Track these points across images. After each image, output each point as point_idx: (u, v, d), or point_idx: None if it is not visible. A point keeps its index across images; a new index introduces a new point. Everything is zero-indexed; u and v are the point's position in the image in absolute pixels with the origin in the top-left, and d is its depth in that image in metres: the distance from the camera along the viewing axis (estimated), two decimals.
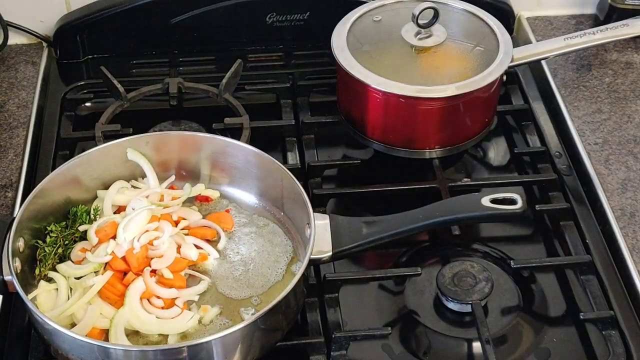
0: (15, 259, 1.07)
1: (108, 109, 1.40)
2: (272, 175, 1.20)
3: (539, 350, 1.13)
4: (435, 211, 1.15)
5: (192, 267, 1.16)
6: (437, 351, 1.14)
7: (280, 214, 1.23)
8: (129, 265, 1.12)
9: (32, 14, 1.56)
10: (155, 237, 1.15)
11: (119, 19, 1.53)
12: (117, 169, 1.24)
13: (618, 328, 1.13)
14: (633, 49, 1.56)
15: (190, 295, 1.12)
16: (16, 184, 1.31)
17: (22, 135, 1.39)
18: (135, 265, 1.12)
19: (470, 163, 1.41)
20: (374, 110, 1.32)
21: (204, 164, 1.26)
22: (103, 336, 1.07)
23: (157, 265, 1.13)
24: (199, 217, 1.21)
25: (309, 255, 1.07)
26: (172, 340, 1.06)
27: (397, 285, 1.20)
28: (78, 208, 1.18)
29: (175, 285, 1.12)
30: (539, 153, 1.38)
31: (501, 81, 1.34)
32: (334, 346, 1.10)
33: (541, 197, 1.33)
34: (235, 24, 1.56)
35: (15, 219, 1.09)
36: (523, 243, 1.29)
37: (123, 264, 1.12)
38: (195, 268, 1.16)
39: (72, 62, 1.57)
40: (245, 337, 1.02)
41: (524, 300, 1.18)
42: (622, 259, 1.21)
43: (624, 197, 1.29)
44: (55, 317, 1.05)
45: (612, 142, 1.38)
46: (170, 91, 1.43)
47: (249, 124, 1.36)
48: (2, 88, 1.49)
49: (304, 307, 1.14)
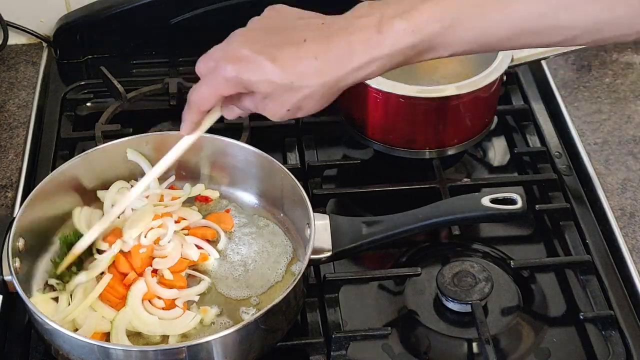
0: (15, 259, 1.07)
1: (108, 109, 1.40)
2: (272, 175, 1.20)
3: (539, 350, 1.13)
4: (435, 211, 1.15)
5: (193, 267, 1.16)
6: (437, 351, 1.14)
7: (280, 214, 1.23)
8: (132, 266, 1.12)
9: (32, 14, 1.56)
10: (160, 235, 1.15)
11: (119, 19, 1.53)
12: (117, 169, 1.23)
13: (618, 328, 1.13)
14: (633, 49, 1.56)
15: (190, 296, 1.12)
16: (16, 184, 1.31)
17: (22, 135, 1.39)
18: (137, 266, 1.12)
19: (470, 163, 1.41)
20: (374, 110, 1.32)
21: (203, 164, 1.25)
22: (104, 339, 1.06)
23: (160, 266, 1.13)
24: (199, 217, 1.21)
25: (309, 255, 1.07)
26: (173, 341, 1.06)
27: (397, 285, 1.20)
28: (59, 238, 1.17)
29: (176, 286, 1.12)
30: (539, 153, 1.38)
31: (501, 81, 1.34)
32: (334, 346, 1.10)
33: (541, 197, 1.33)
34: (235, 24, 1.55)
35: (15, 219, 1.09)
36: (523, 243, 1.29)
37: (127, 265, 1.12)
38: (195, 268, 1.16)
39: (72, 62, 1.57)
40: (245, 337, 1.02)
41: (524, 300, 1.18)
42: (622, 259, 1.21)
43: (624, 197, 1.29)
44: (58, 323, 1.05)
45: (612, 142, 1.38)
46: (170, 91, 1.43)
47: (249, 124, 1.36)
48: (2, 88, 1.49)
49: (304, 307, 1.14)
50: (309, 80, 0.93)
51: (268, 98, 0.95)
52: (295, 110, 0.96)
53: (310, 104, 0.95)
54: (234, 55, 0.95)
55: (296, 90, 0.93)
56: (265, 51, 0.93)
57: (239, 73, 0.94)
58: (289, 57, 0.92)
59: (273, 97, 0.95)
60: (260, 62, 0.92)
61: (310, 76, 0.92)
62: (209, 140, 1.23)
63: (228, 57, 0.95)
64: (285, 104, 0.95)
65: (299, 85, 0.93)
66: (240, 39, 0.97)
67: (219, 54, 0.97)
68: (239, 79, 0.94)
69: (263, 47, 0.93)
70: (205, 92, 0.98)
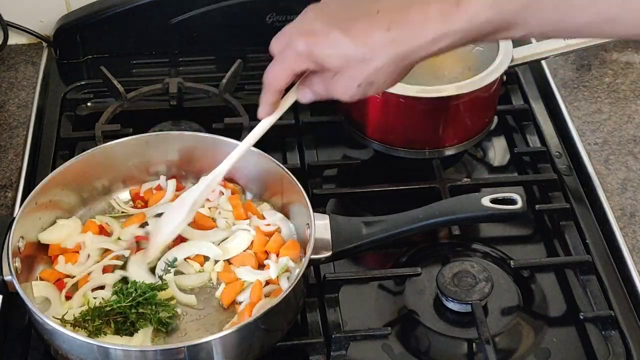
0: (16, 259, 1.07)
1: (108, 109, 1.40)
2: (272, 175, 1.20)
3: (539, 350, 1.13)
4: (435, 211, 1.15)
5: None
6: (437, 351, 1.14)
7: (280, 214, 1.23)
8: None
9: (32, 14, 1.56)
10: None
11: (119, 19, 1.53)
12: (117, 169, 1.24)
13: (618, 328, 1.13)
14: (633, 49, 1.56)
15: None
16: (16, 184, 1.31)
17: (22, 135, 1.39)
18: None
19: (470, 163, 1.41)
20: (374, 110, 1.32)
21: (204, 163, 1.25)
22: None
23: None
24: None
25: (309, 255, 1.07)
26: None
27: (397, 285, 1.20)
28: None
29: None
30: (539, 153, 1.38)
31: (501, 81, 1.34)
32: (334, 346, 1.10)
33: (541, 197, 1.33)
34: (235, 24, 1.56)
35: (15, 219, 1.09)
36: (523, 243, 1.29)
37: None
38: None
39: (72, 62, 1.57)
40: (245, 337, 1.02)
41: (524, 300, 1.18)
42: (622, 259, 1.21)
43: (624, 197, 1.29)
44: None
45: (612, 142, 1.38)
46: (170, 91, 1.43)
47: (249, 124, 1.36)
48: (2, 88, 1.49)
49: (304, 307, 1.14)
50: (380, 51, 0.90)
51: (339, 74, 0.93)
52: (366, 85, 0.93)
53: (382, 77, 0.92)
54: (306, 30, 0.93)
55: (367, 63, 0.90)
56: (337, 24, 0.91)
57: (311, 46, 0.92)
58: (362, 29, 0.90)
59: (344, 71, 0.92)
60: (333, 34, 0.90)
61: (383, 47, 0.90)
62: (209, 140, 1.23)
63: (300, 32, 0.93)
64: (356, 79, 0.92)
65: (371, 57, 0.90)
66: (313, 14, 0.94)
67: (292, 30, 0.95)
68: (310, 52, 0.92)
69: (336, 21, 0.91)
70: (278, 70, 0.96)
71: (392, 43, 0.89)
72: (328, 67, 0.93)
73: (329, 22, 0.91)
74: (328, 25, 0.91)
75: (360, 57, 0.90)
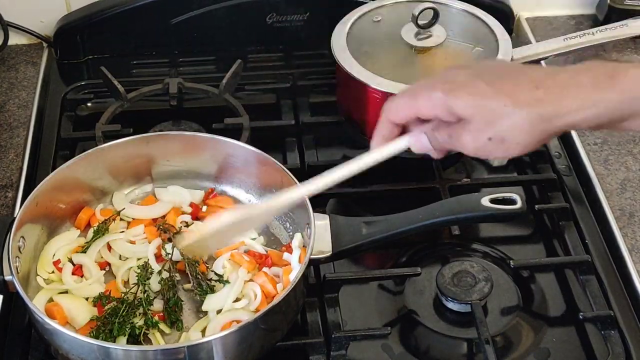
0: (16, 259, 1.07)
1: (108, 109, 1.40)
2: (272, 175, 1.20)
3: (539, 350, 1.13)
4: (435, 211, 1.15)
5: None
6: (437, 351, 1.14)
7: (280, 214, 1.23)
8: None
9: (32, 14, 1.56)
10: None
11: (119, 19, 1.53)
12: (117, 169, 1.24)
13: (617, 328, 1.13)
14: (633, 49, 1.56)
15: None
16: (16, 184, 1.31)
17: (23, 135, 1.39)
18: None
19: (470, 163, 1.41)
20: (374, 110, 1.32)
21: (204, 164, 1.26)
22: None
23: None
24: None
25: (309, 255, 1.07)
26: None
27: (397, 285, 1.20)
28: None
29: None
30: (538, 153, 1.38)
31: None
32: (334, 346, 1.10)
33: (541, 197, 1.33)
34: (235, 24, 1.56)
35: (16, 219, 1.09)
36: (523, 243, 1.29)
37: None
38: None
39: (72, 62, 1.57)
40: (245, 337, 1.02)
41: (524, 300, 1.18)
42: (622, 259, 1.21)
43: (623, 197, 1.29)
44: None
45: (612, 142, 1.38)
46: (170, 91, 1.43)
47: (249, 124, 1.36)
48: (2, 88, 1.49)
49: (304, 307, 1.14)
50: (523, 106, 0.86)
51: (470, 124, 0.88)
52: (497, 141, 0.88)
53: (516, 136, 0.87)
54: (448, 80, 0.90)
55: (505, 116, 0.86)
56: (482, 77, 0.88)
57: (448, 93, 0.89)
58: (508, 84, 0.87)
59: (476, 121, 0.88)
60: (476, 83, 0.88)
61: (527, 103, 0.86)
62: (209, 141, 1.23)
63: (443, 80, 0.91)
64: (487, 131, 0.88)
65: (512, 111, 0.86)
66: (457, 70, 0.92)
67: (437, 78, 0.92)
68: (444, 100, 0.89)
69: (481, 75, 0.89)
70: (403, 103, 0.93)
71: (538, 101, 0.86)
72: (461, 114, 0.89)
73: (474, 75, 0.89)
74: (472, 77, 0.89)
75: (499, 108, 0.87)
